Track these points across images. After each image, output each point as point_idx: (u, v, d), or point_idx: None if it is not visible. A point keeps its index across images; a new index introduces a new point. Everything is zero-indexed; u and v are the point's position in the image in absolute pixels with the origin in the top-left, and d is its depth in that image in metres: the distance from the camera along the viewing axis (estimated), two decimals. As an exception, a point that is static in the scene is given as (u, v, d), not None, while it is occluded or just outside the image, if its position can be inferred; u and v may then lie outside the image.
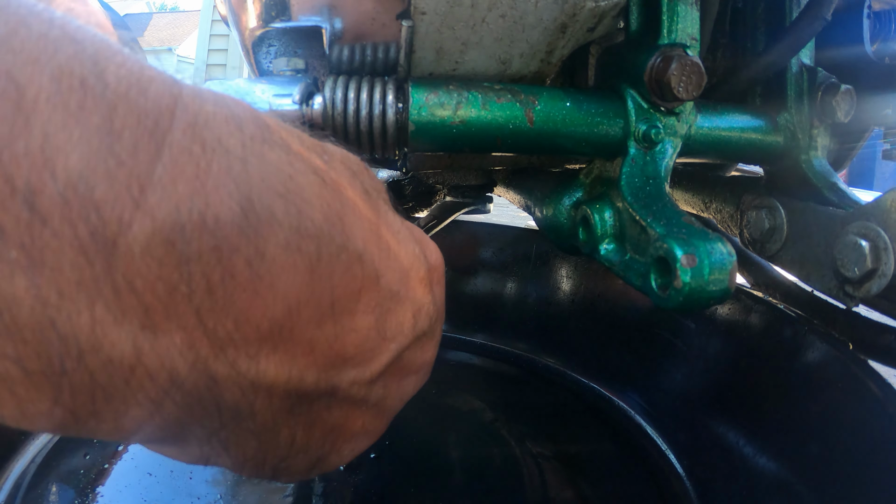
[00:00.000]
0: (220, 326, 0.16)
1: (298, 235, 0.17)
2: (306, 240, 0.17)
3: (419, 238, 0.25)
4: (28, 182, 0.12)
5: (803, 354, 0.41)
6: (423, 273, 0.24)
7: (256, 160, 0.17)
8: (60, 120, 0.12)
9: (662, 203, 0.34)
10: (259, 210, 0.16)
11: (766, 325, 0.46)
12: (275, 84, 0.33)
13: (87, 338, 0.14)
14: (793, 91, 0.43)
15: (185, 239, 0.14)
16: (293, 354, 0.19)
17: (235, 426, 0.19)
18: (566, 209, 0.41)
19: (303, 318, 0.18)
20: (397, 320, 0.22)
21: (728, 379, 0.48)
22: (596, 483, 0.46)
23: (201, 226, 0.14)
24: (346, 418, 0.24)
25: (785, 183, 0.43)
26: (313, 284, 0.18)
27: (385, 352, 0.22)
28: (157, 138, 0.14)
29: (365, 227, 0.20)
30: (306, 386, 0.20)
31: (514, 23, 0.33)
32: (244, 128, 0.17)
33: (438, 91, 0.34)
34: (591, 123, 0.36)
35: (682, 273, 0.28)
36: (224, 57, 5.31)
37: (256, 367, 0.18)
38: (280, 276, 0.17)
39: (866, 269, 0.34)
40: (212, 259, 0.15)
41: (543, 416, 0.56)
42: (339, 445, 0.25)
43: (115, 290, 0.14)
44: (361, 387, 0.22)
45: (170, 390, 0.16)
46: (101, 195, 0.13)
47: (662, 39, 0.36)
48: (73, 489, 0.41)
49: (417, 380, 0.27)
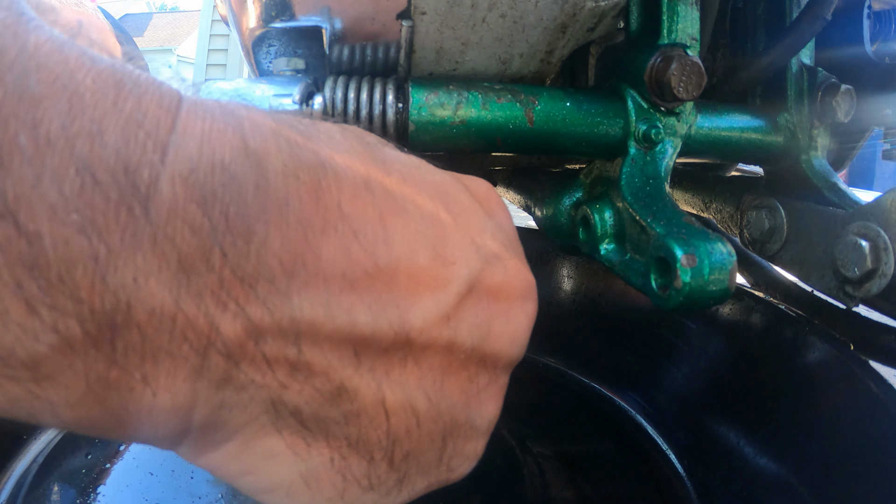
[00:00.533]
0: (244, 261, 0.16)
1: (295, 163, 0.18)
2: (303, 169, 0.18)
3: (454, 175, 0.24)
4: (82, 155, 0.14)
5: (804, 355, 0.41)
6: (468, 199, 0.23)
7: (245, 112, 0.18)
8: (100, 114, 0.15)
9: (662, 203, 0.34)
10: (255, 147, 0.17)
11: (767, 326, 0.46)
12: (275, 84, 0.33)
13: (131, 289, 0.15)
14: (793, 91, 0.43)
15: (201, 181, 0.16)
16: (328, 288, 0.18)
17: (299, 388, 0.18)
18: (566, 209, 0.41)
19: (324, 249, 0.18)
20: (452, 244, 0.20)
21: (729, 379, 0.48)
22: (596, 483, 0.46)
23: (211, 167, 0.16)
24: (443, 376, 0.20)
25: (785, 183, 0.43)
26: (322, 212, 0.18)
27: (452, 277, 0.20)
28: (167, 104, 0.16)
29: (365, 161, 0.20)
30: (360, 328, 0.18)
31: (514, 23, 0.34)
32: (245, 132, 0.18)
33: (438, 91, 0.34)
34: (591, 123, 0.36)
35: (682, 273, 0.28)
36: (224, 57, 5.31)
37: (290, 304, 0.17)
38: (286, 203, 0.17)
39: (866, 269, 0.34)
40: (225, 194, 0.16)
41: (544, 416, 0.56)
42: (454, 432, 0.22)
43: (153, 239, 0.15)
44: (439, 325, 0.19)
45: (213, 340, 0.16)
46: (135, 162, 0.15)
47: (662, 39, 0.36)
48: (75, 489, 0.41)
49: (524, 307, 0.23)
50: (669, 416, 0.52)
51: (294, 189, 0.18)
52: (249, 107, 0.19)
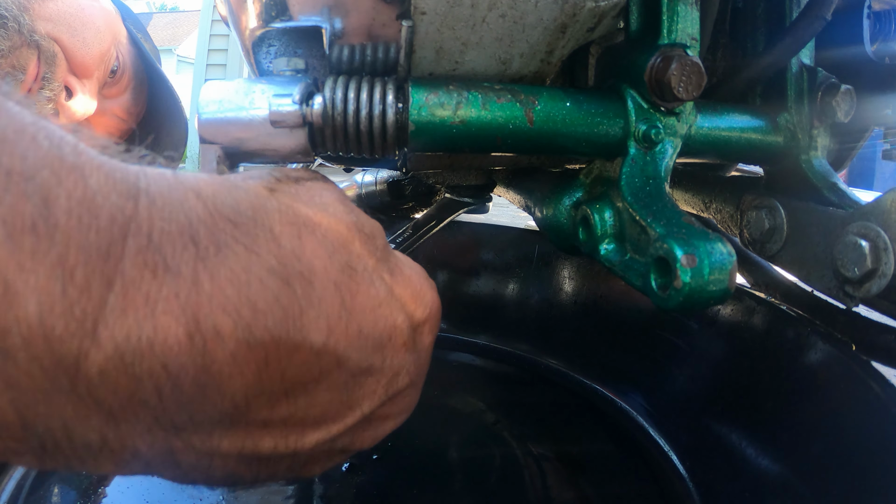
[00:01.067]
0: (175, 419, 0.18)
1: (246, 347, 0.18)
2: (255, 349, 0.18)
3: (416, 289, 0.25)
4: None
5: (806, 355, 0.41)
6: (405, 337, 0.24)
7: (208, 278, 0.18)
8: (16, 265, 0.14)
9: (662, 203, 0.34)
10: (205, 331, 0.17)
11: (769, 327, 0.45)
12: (275, 84, 0.33)
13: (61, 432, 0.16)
14: (793, 91, 0.43)
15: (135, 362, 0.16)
16: (247, 432, 0.20)
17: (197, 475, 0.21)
18: (566, 209, 0.41)
19: (253, 407, 0.19)
20: (366, 390, 0.23)
21: (730, 380, 0.48)
22: (598, 484, 0.46)
23: (150, 350, 0.16)
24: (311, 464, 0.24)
25: (785, 183, 0.43)
26: (262, 383, 0.19)
27: (351, 416, 0.23)
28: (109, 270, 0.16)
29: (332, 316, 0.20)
30: (263, 450, 0.21)
31: (514, 23, 0.33)
32: (199, 241, 0.18)
33: (438, 91, 0.34)
34: (591, 123, 0.36)
35: (682, 273, 0.28)
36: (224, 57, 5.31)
37: (210, 443, 0.19)
38: (226, 383, 0.18)
39: (866, 269, 0.34)
40: (161, 375, 0.17)
41: (545, 417, 0.56)
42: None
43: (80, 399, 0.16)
44: (325, 444, 0.23)
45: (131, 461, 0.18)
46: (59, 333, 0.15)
47: (662, 39, 0.36)
48: (76, 490, 0.41)
49: (394, 422, 0.27)
50: (671, 416, 0.52)
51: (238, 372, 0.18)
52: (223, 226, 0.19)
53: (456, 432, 0.52)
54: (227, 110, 0.32)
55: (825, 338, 0.40)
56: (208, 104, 0.32)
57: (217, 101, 0.32)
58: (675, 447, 0.49)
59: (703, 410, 0.49)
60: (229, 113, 0.32)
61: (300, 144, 0.33)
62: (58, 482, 0.42)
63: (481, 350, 0.69)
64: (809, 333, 0.41)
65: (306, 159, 0.35)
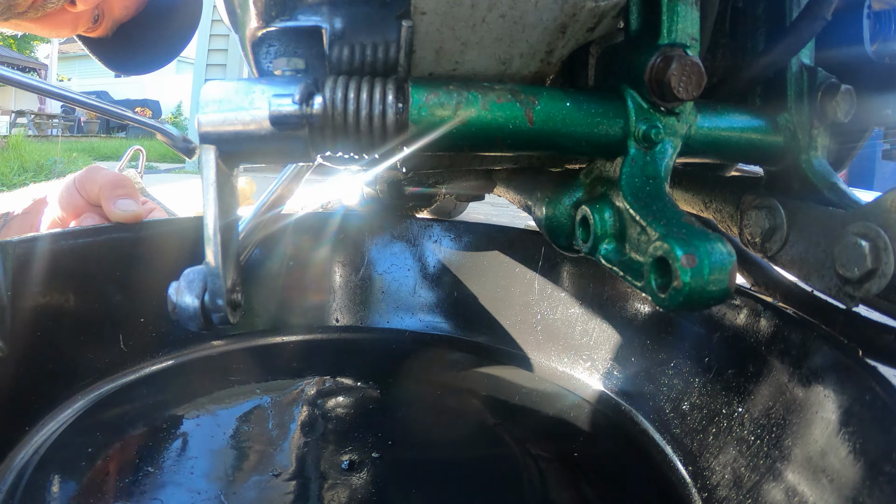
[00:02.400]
0: None
1: None
2: None
3: None
4: None
5: (811, 359, 0.40)
6: None
7: None
8: None
9: (662, 203, 0.34)
10: None
11: (774, 330, 0.45)
12: (275, 84, 0.33)
13: None
14: (793, 91, 0.43)
15: None
16: None
17: None
18: (566, 209, 0.41)
19: None
20: None
21: (735, 383, 0.48)
22: (599, 487, 0.46)
23: None
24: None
25: (785, 183, 0.43)
26: None
27: None
28: None
29: None
30: None
31: (514, 23, 0.33)
32: None
33: (438, 91, 0.34)
34: (591, 123, 0.36)
35: (682, 273, 0.28)
36: (224, 57, 5.31)
37: None
38: None
39: (866, 269, 0.34)
40: None
41: (546, 418, 0.56)
42: None
43: None
44: None
45: None
46: None
47: (662, 39, 0.36)
48: (75, 481, 0.41)
49: None
50: (674, 420, 0.52)
51: None
52: None
53: (456, 432, 0.52)
54: (228, 110, 0.32)
55: (831, 342, 0.40)
56: (208, 104, 0.32)
57: (217, 101, 0.32)
58: (678, 451, 0.49)
59: (706, 414, 0.49)
60: (229, 113, 0.32)
61: (300, 144, 0.33)
62: (57, 473, 0.42)
63: (482, 350, 0.69)
64: (815, 337, 0.41)
65: (306, 159, 0.35)
